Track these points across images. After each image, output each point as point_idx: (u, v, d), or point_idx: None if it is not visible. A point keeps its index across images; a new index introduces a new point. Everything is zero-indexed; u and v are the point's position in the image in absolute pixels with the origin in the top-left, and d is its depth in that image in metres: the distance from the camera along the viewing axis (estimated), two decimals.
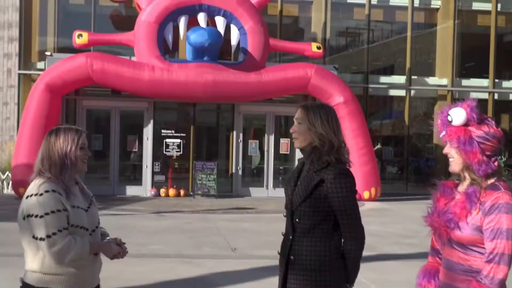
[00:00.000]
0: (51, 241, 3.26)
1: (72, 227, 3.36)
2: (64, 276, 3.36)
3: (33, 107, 16.00)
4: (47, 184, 3.34)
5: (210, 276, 8.03)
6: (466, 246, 2.99)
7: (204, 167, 17.97)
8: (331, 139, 3.40)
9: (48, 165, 3.40)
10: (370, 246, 10.21)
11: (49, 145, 3.44)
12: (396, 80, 21.35)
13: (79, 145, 3.48)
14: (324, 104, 3.61)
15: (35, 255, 3.35)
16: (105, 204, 15.32)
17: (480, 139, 2.97)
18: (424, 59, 22.34)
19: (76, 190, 3.53)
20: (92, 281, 3.58)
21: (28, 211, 3.31)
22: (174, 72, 16.40)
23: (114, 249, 3.58)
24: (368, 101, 20.62)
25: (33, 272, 3.37)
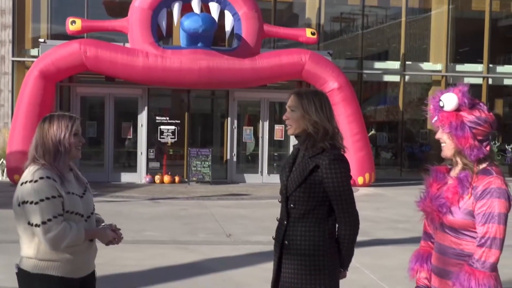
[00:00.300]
0: (46, 227, 3.27)
1: (67, 213, 3.37)
2: (59, 262, 3.38)
3: (27, 94, 15.96)
4: (42, 170, 3.35)
5: (205, 262, 8.05)
6: (458, 231, 3.01)
7: (199, 154, 17.98)
8: (325, 126, 3.41)
9: (42, 152, 3.41)
10: (364, 231, 10.28)
11: (43, 132, 3.44)
12: (390, 65, 21.34)
13: (73, 132, 3.48)
14: (318, 91, 3.61)
15: (31, 241, 3.37)
16: (100, 191, 15.33)
17: (472, 124, 2.98)
18: (419, 45, 22.33)
19: (70, 177, 3.53)
20: (87, 267, 3.59)
21: (23, 198, 3.33)
22: (168, 58, 16.37)
23: (109, 235, 3.60)
24: (362, 86, 20.63)
25: (29, 258, 3.38)
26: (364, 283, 7.10)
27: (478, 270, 2.88)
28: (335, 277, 3.43)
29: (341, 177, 3.35)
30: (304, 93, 3.52)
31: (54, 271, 3.37)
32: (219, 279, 7.19)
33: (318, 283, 3.36)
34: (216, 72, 16.54)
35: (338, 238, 3.43)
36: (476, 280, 2.86)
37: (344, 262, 3.47)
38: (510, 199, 2.96)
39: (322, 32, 20.64)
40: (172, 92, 19.33)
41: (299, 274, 3.38)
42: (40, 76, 15.98)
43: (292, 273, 3.41)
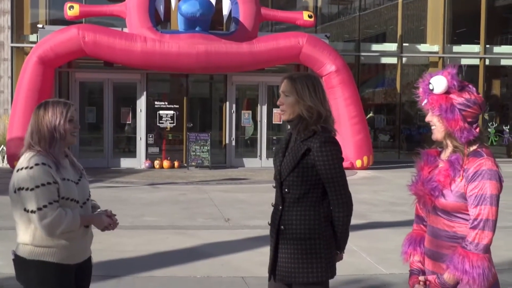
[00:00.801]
0: (42, 213, 3.29)
1: (62, 199, 3.39)
2: (55, 249, 3.40)
3: (26, 80, 15.98)
4: (37, 157, 3.37)
5: (203, 246, 8.08)
6: (451, 213, 3.02)
7: (198, 139, 18.01)
8: (319, 109, 3.42)
9: (38, 139, 3.42)
10: (362, 214, 10.36)
11: (38, 119, 3.45)
12: (388, 47, 21.32)
13: (68, 118, 3.48)
14: (310, 74, 3.60)
15: (27, 228, 3.39)
16: (100, 177, 15.41)
17: (462, 106, 2.99)
18: (415, 26, 22.28)
19: (66, 163, 3.55)
20: (84, 253, 3.62)
21: (18, 184, 3.34)
22: (166, 43, 16.36)
23: (105, 220, 3.62)
24: (360, 69, 20.62)
25: (25, 244, 3.41)
26: (361, 266, 7.13)
27: (471, 252, 2.89)
28: (332, 260, 3.46)
29: (333, 159, 3.36)
30: (297, 77, 3.51)
31: (50, 258, 3.39)
32: (217, 263, 7.21)
33: (315, 266, 3.38)
34: (214, 56, 16.53)
35: (332, 221, 3.44)
36: (470, 262, 2.88)
37: (340, 244, 3.50)
38: (502, 180, 2.96)
39: (319, 15, 20.61)
40: (170, 77, 19.35)
41: (295, 259, 3.40)
42: (38, 62, 15.99)
43: (288, 258, 3.42)
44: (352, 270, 6.87)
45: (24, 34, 19.14)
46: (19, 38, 19.02)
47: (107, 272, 6.70)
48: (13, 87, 17.78)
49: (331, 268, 3.45)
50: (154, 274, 6.68)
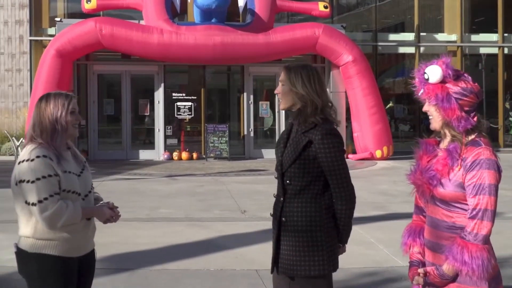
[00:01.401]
0: (43, 206, 3.27)
1: (64, 192, 3.36)
2: (57, 241, 3.37)
3: (45, 73, 16.10)
4: (38, 149, 3.35)
5: (218, 239, 8.01)
6: (449, 203, 2.98)
7: (216, 130, 18.00)
8: (313, 99, 3.38)
9: (40, 131, 3.41)
10: (380, 205, 10.28)
11: (40, 111, 3.44)
12: (405, 37, 21.08)
13: (69, 110, 3.46)
14: (307, 64, 3.53)
15: (28, 220, 3.37)
16: (118, 169, 15.50)
17: (458, 95, 2.96)
18: (433, 15, 21.99)
19: (68, 156, 3.53)
20: (86, 245, 3.57)
21: (20, 177, 3.32)
22: (182, 35, 16.37)
23: (107, 213, 3.57)
24: (378, 59, 20.43)
25: (27, 237, 3.39)
26: (377, 258, 7.06)
27: (470, 242, 2.85)
28: (334, 252, 3.42)
29: (334, 151, 3.32)
30: (293, 67, 3.47)
31: (52, 250, 3.36)
32: (231, 256, 7.15)
33: (317, 259, 3.34)
34: (230, 47, 16.52)
35: (335, 213, 3.41)
36: (469, 253, 2.84)
37: (342, 237, 3.46)
38: (500, 169, 2.93)
39: (335, 6, 20.47)
40: (188, 68, 19.35)
41: (297, 251, 3.37)
42: (57, 55, 16.09)
43: (290, 250, 3.40)
44: (368, 262, 6.82)
45: (43, 27, 19.24)
46: (37, 32, 19.13)
47: (121, 265, 6.70)
48: (32, 80, 17.85)
49: (333, 261, 3.41)
50: (167, 267, 6.63)
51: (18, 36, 19.36)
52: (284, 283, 3.48)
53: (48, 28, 19.14)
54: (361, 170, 15.69)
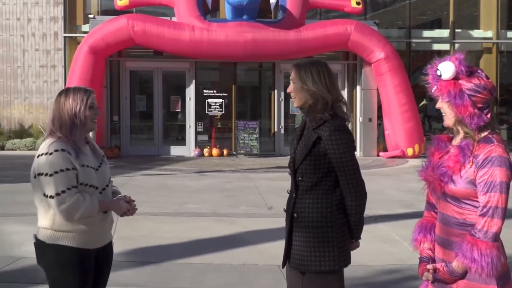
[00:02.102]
0: (60, 199, 3.33)
1: (81, 185, 3.42)
2: (74, 233, 3.43)
3: (78, 70, 16.33)
4: (57, 143, 3.41)
5: (243, 234, 8.07)
6: (460, 200, 2.97)
7: (246, 127, 18.04)
8: (324, 95, 3.37)
9: (59, 125, 3.48)
10: (408, 203, 10.21)
11: (59, 106, 3.50)
12: (439, 34, 20.75)
13: (88, 105, 3.51)
14: (317, 60, 3.53)
15: (46, 212, 3.44)
16: (149, 164, 15.65)
17: (471, 92, 2.93)
18: (469, 11, 21.66)
19: (86, 150, 3.58)
20: (103, 238, 3.63)
21: (38, 170, 3.39)
22: (213, 31, 16.42)
23: (123, 206, 3.62)
24: (411, 56, 20.21)
25: (45, 229, 3.46)
26: (401, 256, 7.01)
27: (480, 240, 2.84)
28: (345, 248, 3.42)
29: (343, 147, 3.32)
30: (302, 64, 3.48)
31: (69, 242, 3.43)
32: (255, 251, 7.20)
33: (327, 254, 3.35)
34: (262, 44, 16.53)
35: (346, 210, 3.41)
36: (478, 250, 2.83)
37: (353, 232, 3.45)
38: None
39: (369, 2, 20.27)
40: (219, 65, 19.37)
41: (308, 246, 3.38)
42: (90, 51, 16.29)
43: (301, 245, 3.41)
44: (391, 260, 6.82)
45: (77, 24, 19.41)
46: (72, 28, 19.31)
47: (146, 258, 6.79)
48: (66, 77, 18.05)
49: (345, 257, 3.41)
50: (191, 261, 6.70)
51: (52, 32, 19.62)
52: (296, 278, 3.50)
53: (82, 25, 19.29)
54: (391, 168, 15.57)
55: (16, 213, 9.07)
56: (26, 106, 19.80)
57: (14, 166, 14.92)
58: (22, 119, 19.78)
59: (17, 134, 19.37)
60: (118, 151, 17.76)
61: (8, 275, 6.14)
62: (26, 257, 6.50)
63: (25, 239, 6.99)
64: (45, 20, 19.61)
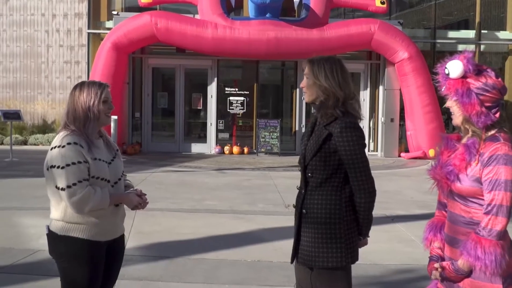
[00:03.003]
0: (71, 191, 3.35)
1: (93, 178, 3.44)
2: (85, 225, 3.46)
3: (101, 66, 16.42)
4: (70, 136, 3.44)
5: (259, 231, 8.06)
6: (467, 198, 2.96)
7: (267, 125, 18.02)
8: (335, 92, 3.38)
9: (73, 118, 3.50)
10: (427, 204, 10.13)
11: (74, 99, 3.53)
12: (465, 34, 20.54)
13: (102, 99, 3.53)
14: (331, 57, 3.55)
15: (58, 204, 3.47)
16: (170, 161, 15.70)
17: (479, 91, 2.92)
18: (496, 13, 21.38)
19: (99, 143, 3.60)
20: (114, 231, 3.65)
21: (51, 162, 3.42)
22: (236, 29, 16.43)
23: (135, 200, 3.63)
24: (436, 56, 20.02)
25: (57, 220, 3.49)
26: (416, 256, 6.95)
27: (484, 238, 2.83)
28: (353, 245, 3.42)
29: (353, 144, 3.31)
30: (316, 59, 3.49)
31: (80, 234, 3.45)
32: (270, 248, 7.19)
33: (335, 250, 3.36)
34: (284, 42, 16.49)
35: (355, 207, 3.41)
36: (482, 248, 2.82)
37: (362, 230, 3.45)
38: None
39: (393, 2, 20.12)
40: (241, 63, 19.39)
41: (316, 243, 3.39)
42: (113, 48, 16.39)
43: (310, 242, 3.41)
44: (406, 260, 6.78)
45: (101, 20, 19.55)
46: (95, 25, 19.43)
47: (161, 253, 6.83)
48: (89, 73, 18.19)
49: (352, 253, 3.42)
50: (206, 257, 6.73)
51: (77, 28, 19.81)
52: (305, 273, 3.53)
53: (106, 21, 19.43)
54: (411, 168, 15.44)
55: (35, 207, 9.14)
56: (49, 101, 20.00)
57: (36, 161, 15.01)
58: (45, 114, 19.99)
59: (40, 129, 19.58)
60: (139, 148, 17.86)
61: (25, 267, 6.21)
62: (43, 250, 6.48)
63: (42, 232, 6.84)
64: (70, 16, 19.79)
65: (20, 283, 5.70)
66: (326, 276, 3.41)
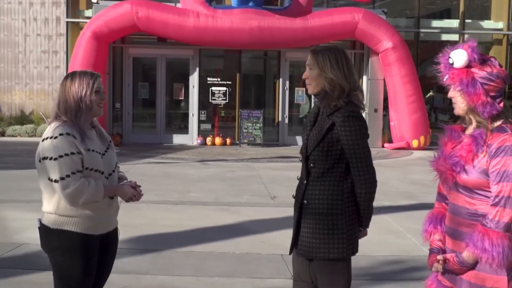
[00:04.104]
0: (65, 183, 3.31)
1: (86, 170, 3.40)
2: (78, 218, 3.41)
3: (80, 56, 16.16)
4: (62, 127, 3.39)
5: (246, 223, 8.01)
6: (472, 190, 2.93)
7: (250, 116, 17.88)
8: (341, 83, 3.35)
9: (64, 109, 3.45)
10: (413, 195, 10.13)
11: (65, 89, 3.48)
12: (449, 24, 20.54)
13: (94, 89, 3.49)
14: (334, 47, 3.51)
15: (51, 197, 3.42)
16: (151, 153, 15.52)
17: (484, 80, 2.89)
18: (480, 1, 21.40)
19: (92, 134, 3.56)
20: (108, 224, 3.61)
21: (43, 154, 3.37)
22: (218, 18, 16.27)
23: (129, 191, 3.58)
24: (419, 46, 19.99)
25: (49, 213, 3.44)
26: (404, 247, 6.95)
27: (491, 230, 2.81)
28: (354, 236, 3.41)
29: (356, 134, 3.29)
30: (320, 50, 3.45)
31: (74, 227, 3.41)
32: (258, 240, 7.13)
33: (336, 242, 3.34)
34: (267, 32, 16.37)
35: (356, 197, 3.39)
36: (489, 240, 2.80)
37: (362, 221, 3.44)
38: None
39: None
40: (223, 52, 19.18)
41: (317, 234, 3.36)
42: (92, 37, 16.12)
43: (310, 233, 3.39)
44: (395, 251, 6.78)
45: (80, 9, 19.23)
46: (74, 13, 19.11)
47: (148, 246, 6.74)
48: (68, 62, 17.83)
49: (353, 245, 3.41)
50: (193, 249, 6.66)
51: (55, 17, 19.46)
52: (303, 265, 3.50)
53: (85, 9, 19.11)
54: (396, 159, 15.43)
55: (18, 200, 8.99)
56: (27, 92, 19.67)
57: (15, 153, 14.81)
58: (23, 105, 19.66)
59: (18, 121, 19.25)
60: (120, 139, 17.62)
61: (10, 261, 6.13)
62: (27, 243, 6.48)
63: (27, 226, 6.98)
64: (47, 4, 19.47)
65: (5, 277, 5.58)
66: (327, 268, 3.39)
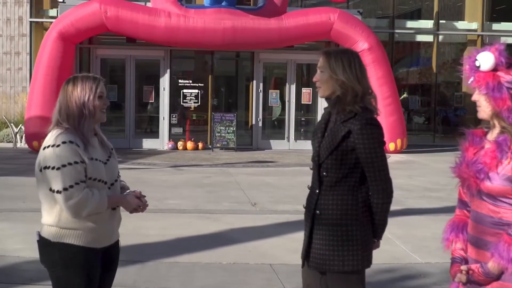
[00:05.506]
0: (68, 194, 3.16)
1: (90, 180, 3.26)
2: (81, 231, 3.27)
3: (46, 57, 15.61)
4: (65, 135, 3.24)
5: (229, 231, 7.78)
6: (496, 198, 2.83)
7: (223, 119, 17.50)
8: (354, 86, 3.26)
9: (66, 115, 3.31)
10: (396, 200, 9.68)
11: (67, 95, 3.34)
12: (423, 24, 20.63)
13: (97, 94, 3.38)
14: (348, 49, 3.47)
15: (52, 208, 3.27)
16: (121, 158, 14.92)
17: (510, 85, 2.80)
18: (453, 2, 21.45)
19: (95, 142, 3.44)
20: (111, 236, 3.46)
21: (44, 163, 3.22)
22: (191, 18, 15.93)
23: (134, 202, 3.43)
24: (394, 47, 19.85)
25: (50, 226, 3.29)
26: (395, 254, 6.80)
27: None
28: (368, 248, 3.34)
29: (374, 143, 3.22)
30: (333, 52, 3.38)
31: (76, 240, 3.27)
32: (244, 250, 6.94)
33: (351, 254, 3.26)
34: (241, 32, 16.10)
35: (371, 207, 3.31)
36: None
37: (377, 232, 3.37)
38: None
39: None
40: (195, 54, 18.91)
41: (330, 245, 3.28)
42: (59, 37, 15.60)
43: (323, 244, 3.30)
44: (386, 259, 6.55)
45: (44, 8, 18.76)
46: (38, 13, 18.64)
47: (131, 257, 6.44)
48: (32, 64, 17.41)
49: (368, 257, 3.35)
50: (178, 260, 6.48)
51: (17, 17, 18.84)
52: (315, 278, 3.42)
53: (49, 9, 18.63)
54: None
55: None
56: None
57: None
58: None
59: None
60: None
61: None
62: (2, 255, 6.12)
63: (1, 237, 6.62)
64: (9, 3, 18.89)
65: None
66: (341, 281, 3.32)
